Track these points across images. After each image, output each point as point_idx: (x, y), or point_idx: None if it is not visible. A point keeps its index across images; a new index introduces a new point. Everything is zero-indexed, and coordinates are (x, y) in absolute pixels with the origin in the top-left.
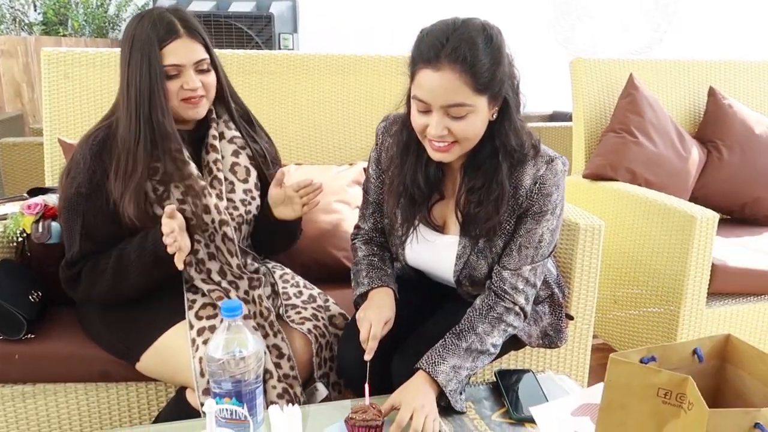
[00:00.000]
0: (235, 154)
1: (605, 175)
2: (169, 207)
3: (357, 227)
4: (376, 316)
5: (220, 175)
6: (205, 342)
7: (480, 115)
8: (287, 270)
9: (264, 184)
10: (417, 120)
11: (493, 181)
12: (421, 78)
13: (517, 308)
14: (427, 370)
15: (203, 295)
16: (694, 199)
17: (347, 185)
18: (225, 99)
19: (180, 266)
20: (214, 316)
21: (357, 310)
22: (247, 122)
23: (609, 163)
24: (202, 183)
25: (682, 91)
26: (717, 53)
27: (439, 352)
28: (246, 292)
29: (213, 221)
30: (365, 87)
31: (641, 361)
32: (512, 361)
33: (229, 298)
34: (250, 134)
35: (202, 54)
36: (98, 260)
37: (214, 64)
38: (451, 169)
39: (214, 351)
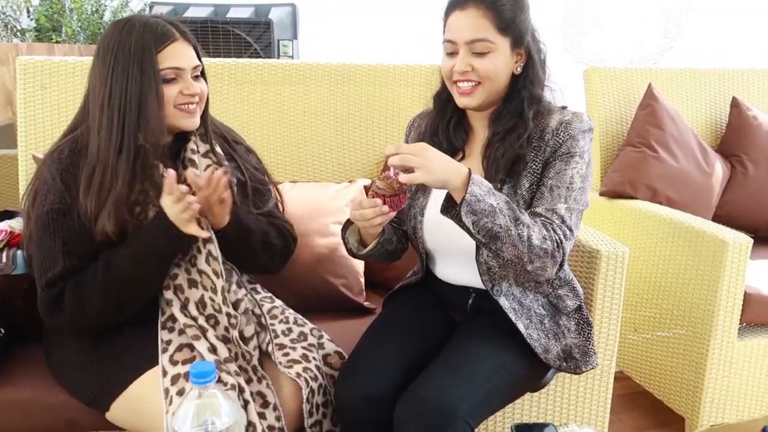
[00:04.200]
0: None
1: (624, 192)
2: (169, 176)
3: None
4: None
5: None
6: (179, 392)
7: (502, 56)
8: (277, 303)
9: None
10: (445, 65)
11: (519, 124)
12: (450, 21)
13: (555, 237)
14: (471, 174)
15: (179, 333)
16: (717, 217)
17: (346, 205)
18: (205, 112)
19: (204, 234)
20: (191, 359)
21: (347, 248)
22: (221, 137)
23: (628, 180)
24: None
25: (703, 101)
26: (733, 61)
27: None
28: (226, 329)
29: (196, 240)
30: (367, 99)
31: None
32: (527, 405)
33: (205, 337)
34: (227, 151)
35: (197, 60)
36: (82, 276)
37: (203, 75)
38: (474, 131)
39: (182, 424)
